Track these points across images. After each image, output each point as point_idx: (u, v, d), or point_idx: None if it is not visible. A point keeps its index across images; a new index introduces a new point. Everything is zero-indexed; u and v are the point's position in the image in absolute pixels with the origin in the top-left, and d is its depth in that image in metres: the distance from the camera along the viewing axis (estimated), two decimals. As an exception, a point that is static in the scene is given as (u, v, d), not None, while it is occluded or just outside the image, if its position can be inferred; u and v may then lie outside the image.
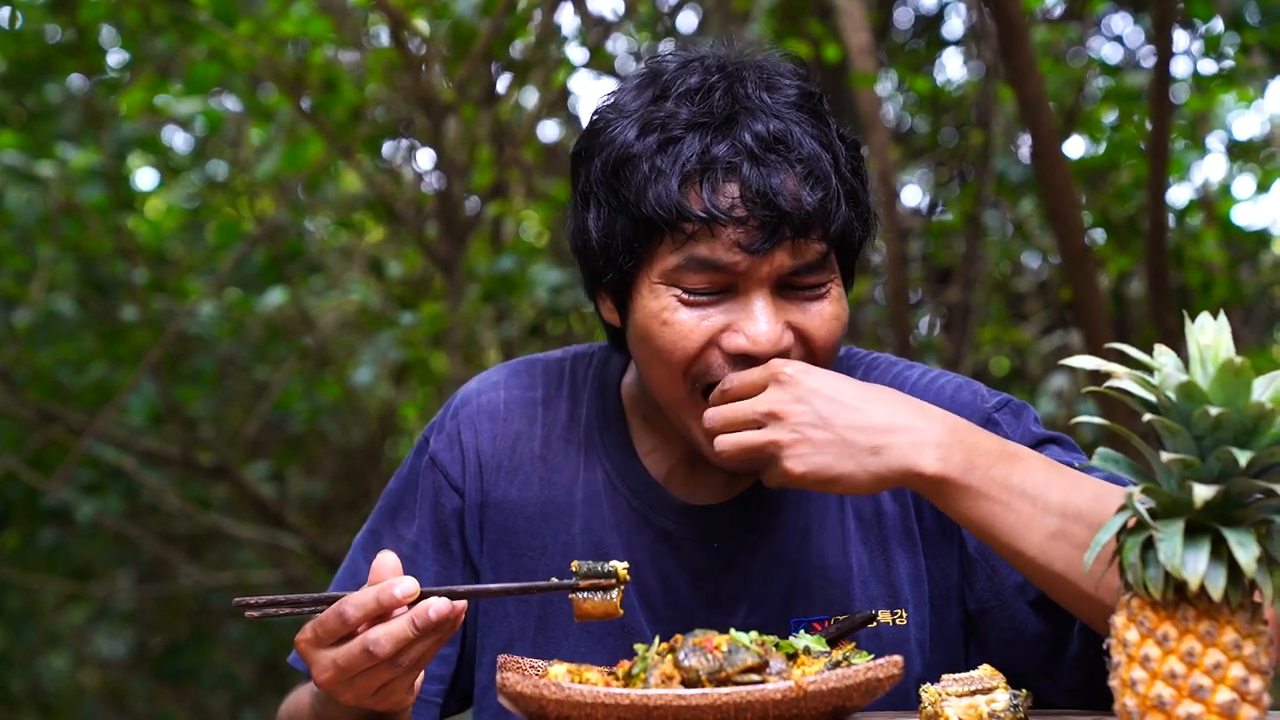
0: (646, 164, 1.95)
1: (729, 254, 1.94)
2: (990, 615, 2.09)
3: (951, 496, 1.88)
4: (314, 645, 1.84)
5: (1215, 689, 1.50)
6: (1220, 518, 1.50)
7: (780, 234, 1.93)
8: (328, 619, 1.82)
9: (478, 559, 2.20)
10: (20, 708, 7.39)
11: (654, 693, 1.67)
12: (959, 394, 2.16)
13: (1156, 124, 4.25)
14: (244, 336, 6.45)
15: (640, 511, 2.15)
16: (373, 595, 1.81)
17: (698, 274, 1.96)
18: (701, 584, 2.13)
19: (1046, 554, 1.87)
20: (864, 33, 5.15)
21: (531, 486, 2.19)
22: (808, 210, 1.93)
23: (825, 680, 1.68)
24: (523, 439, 2.21)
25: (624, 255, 1.99)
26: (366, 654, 1.80)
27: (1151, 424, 1.54)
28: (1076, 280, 4.13)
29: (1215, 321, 1.57)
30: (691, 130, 1.95)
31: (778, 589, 2.11)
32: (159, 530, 6.74)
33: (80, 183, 5.62)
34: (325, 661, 1.83)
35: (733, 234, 1.93)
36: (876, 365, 2.23)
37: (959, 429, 1.91)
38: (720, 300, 1.98)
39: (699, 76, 1.99)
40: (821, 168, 1.96)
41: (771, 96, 1.98)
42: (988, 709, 1.76)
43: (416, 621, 1.79)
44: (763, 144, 1.93)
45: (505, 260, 5.61)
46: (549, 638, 2.15)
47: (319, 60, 5.32)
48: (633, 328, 2.03)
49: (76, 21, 5.44)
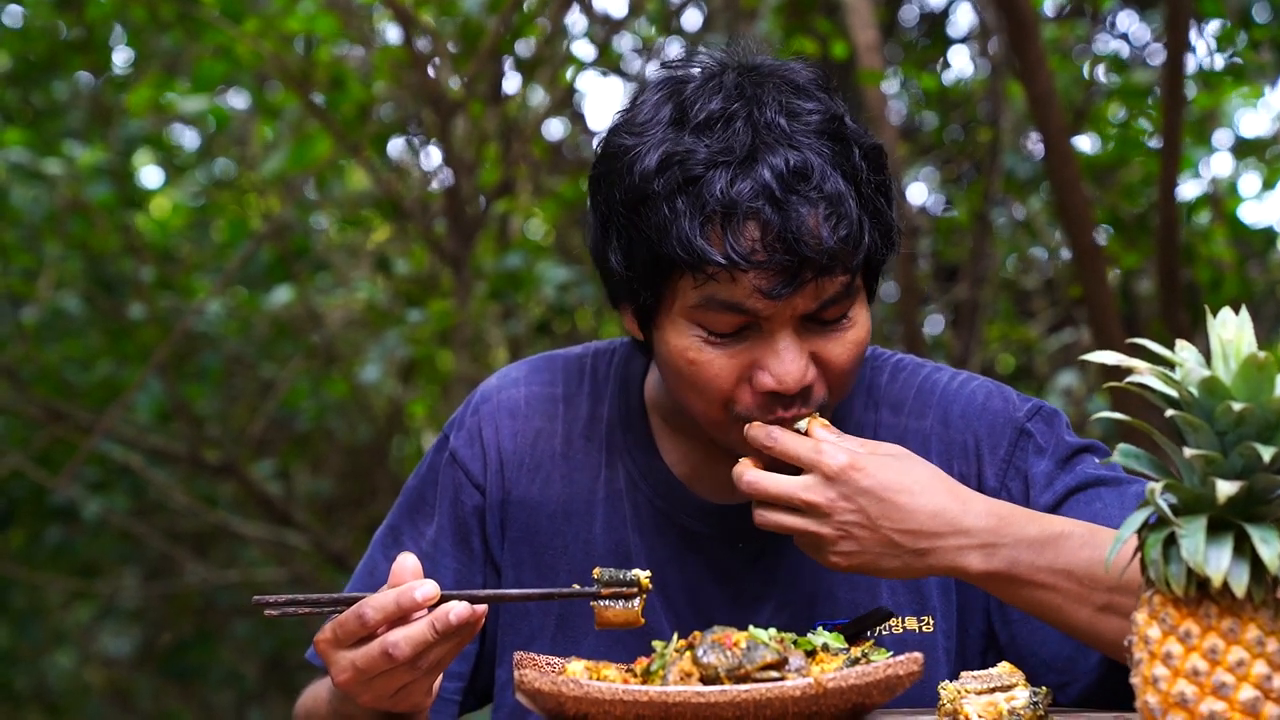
0: (666, 206, 1.91)
1: (750, 299, 1.91)
2: (1013, 628, 2.11)
3: (999, 587, 1.90)
4: (333, 645, 1.84)
5: (1238, 686, 1.49)
6: (1243, 513, 1.49)
7: (802, 277, 1.90)
8: (347, 620, 1.82)
9: (499, 556, 2.19)
10: (26, 706, 7.38)
11: (673, 690, 1.66)
12: (990, 401, 2.15)
13: (1169, 120, 4.24)
14: (251, 334, 6.44)
15: (663, 511, 2.14)
16: (393, 598, 1.80)
17: (719, 314, 1.94)
18: (726, 584, 2.12)
19: (1095, 627, 1.89)
20: (871, 30, 5.14)
21: (553, 484, 2.18)
22: (830, 251, 1.90)
23: (845, 677, 1.68)
24: (544, 436, 2.20)
25: (646, 290, 1.97)
26: (385, 656, 1.79)
27: (1173, 419, 1.53)
28: (1086, 277, 4.12)
29: (1237, 316, 1.56)
30: (712, 169, 1.90)
31: (803, 591, 2.10)
32: (165, 528, 6.73)
33: (87, 180, 5.62)
34: (344, 662, 1.83)
35: (754, 279, 1.90)
36: (903, 368, 2.21)
37: (1003, 520, 1.90)
38: (744, 337, 1.96)
39: (719, 102, 1.94)
40: (844, 205, 1.91)
41: (791, 124, 1.93)
42: (1007, 706, 1.75)
43: (437, 625, 1.79)
44: (783, 183, 1.89)
45: (512, 258, 5.60)
46: (568, 635, 2.14)
47: (326, 57, 5.32)
48: (659, 353, 2.02)
49: (84, 19, 5.43)
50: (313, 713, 2.17)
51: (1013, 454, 2.11)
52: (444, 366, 6.06)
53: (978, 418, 2.14)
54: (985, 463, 2.12)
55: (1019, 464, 2.11)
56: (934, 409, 2.16)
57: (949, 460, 2.12)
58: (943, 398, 2.15)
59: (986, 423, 2.13)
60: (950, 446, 2.13)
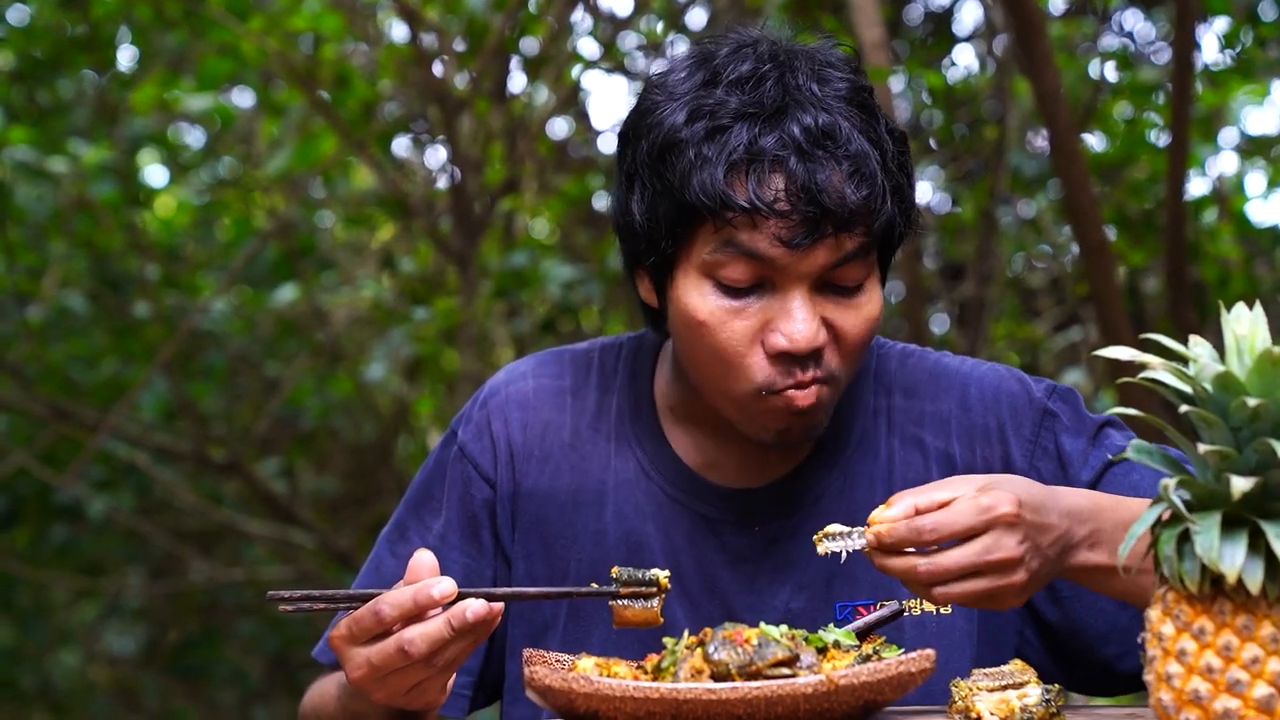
0: (693, 150, 1.94)
1: (770, 247, 1.92)
2: (1065, 605, 2.10)
3: (1101, 577, 1.89)
4: (348, 642, 1.83)
5: (1253, 683, 1.48)
6: (1258, 510, 1.48)
7: (822, 230, 1.92)
8: (363, 617, 1.81)
9: (509, 549, 2.18)
10: (31, 705, 7.38)
11: (683, 686, 1.66)
12: (1005, 384, 2.16)
13: (1176, 117, 4.23)
14: (256, 333, 6.45)
15: (676, 498, 2.14)
16: (410, 595, 1.79)
17: (736, 264, 1.94)
18: (742, 567, 2.11)
19: None
20: (877, 27, 5.13)
21: (562, 475, 2.17)
22: (851, 207, 1.92)
23: (856, 674, 1.67)
24: (552, 427, 2.20)
25: (666, 239, 1.98)
26: (401, 653, 1.79)
27: (1188, 415, 1.53)
28: (1094, 275, 4.11)
29: (1251, 311, 1.55)
30: (740, 120, 1.93)
31: (820, 572, 2.09)
32: (170, 526, 6.73)
33: (92, 179, 5.62)
34: (359, 659, 1.82)
35: (774, 227, 1.92)
36: (910, 354, 2.22)
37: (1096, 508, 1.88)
38: (759, 297, 1.96)
39: (751, 64, 1.97)
40: (868, 165, 1.94)
41: (822, 89, 1.96)
42: (1019, 703, 1.74)
43: (453, 622, 1.79)
44: (811, 138, 1.92)
45: (518, 256, 5.60)
46: (580, 627, 2.14)
47: (331, 55, 5.32)
48: (673, 313, 2.02)
49: (89, 17, 5.43)
50: (320, 710, 2.17)
51: (1038, 434, 2.12)
52: (449, 365, 6.06)
53: (998, 400, 2.14)
54: (1011, 445, 2.12)
55: (1045, 444, 2.12)
56: (950, 392, 2.16)
57: (971, 443, 2.13)
58: (958, 381, 2.16)
59: (1008, 404, 2.14)
60: (971, 430, 2.14)
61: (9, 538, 6.80)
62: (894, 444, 2.15)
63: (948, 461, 2.13)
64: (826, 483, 2.13)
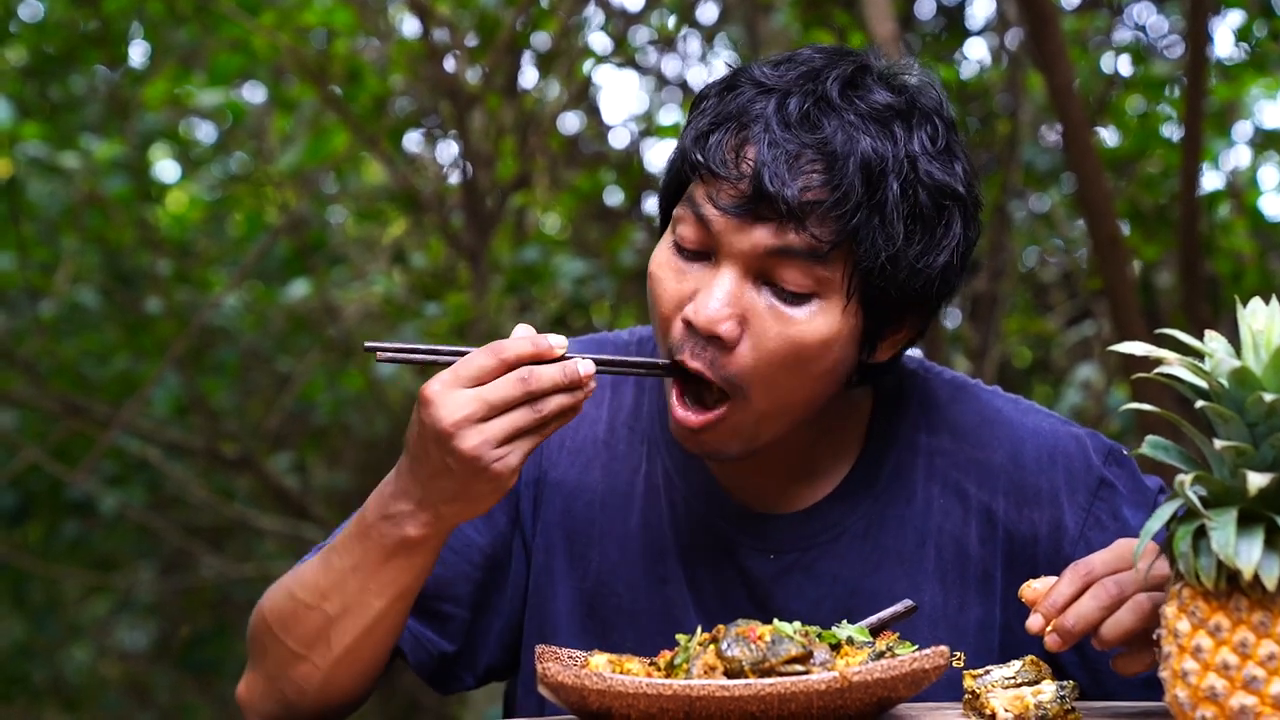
0: (698, 108, 1.96)
1: (710, 209, 1.90)
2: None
3: None
4: (452, 385, 1.81)
5: (1269, 680, 1.47)
6: (1274, 506, 1.48)
7: (760, 209, 1.87)
8: (477, 356, 1.82)
9: (530, 538, 2.13)
10: (42, 700, 7.39)
11: (697, 683, 1.65)
12: (1063, 443, 2.08)
13: (1190, 111, 4.21)
14: (268, 328, 6.44)
15: (698, 511, 2.09)
16: (528, 340, 1.82)
17: (689, 224, 1.93)
18: (754, 593, 2.06)
19: None
20: (889, 22, 5.11)
21: (593, 471, 2.13)
22: (797, 198, 1.85)
23: (870, 671, 1.66)
24: (587, 420, 2.15)
25: (664, 191, 2.01)
26: (521, 382, 1.80)
27: (1203, 411, 1.52)
28: (1108, 269, 4.09)
29: (1268, 306, 1.54)
30: (753, 87, 1.93)
31: (832, 611, 2.02)
32: (182, 522, 6.73)
33: (104, 174, 5.62)
34: (463, 399, 1.80)
35: (721, 191, 1.90)
36: (962, 389, 2.13)
37: None
38: (703, 265, 1.93)
39: (809, 53, 1.95)
40: (842, 170, 1.86)
41: (845, 92, 1.91)
42: (1034, 700, 1.74)
43: (566, 370, 1.81)
44: (790, 119, 1.88)
45: (529, 251, 5.60)
46: (596, 622, 2.10)
47: (343, 51, 5.31)
48: None
49: (101, 13, 5.43)
50: (297, 593, 2.12)
51: (1092, 504, 2.05)
52: (461, 361, 6.04)
53: (1054, 461, 2.07)
54: (1065, 511, 2.05)
55: (1099, 514, 2.05)
56: (1002, 443, 2.08)
57: (1020, 503, 2.05)
58: (1013, 433, 2.08)
59: (1064, 467, 2.07)
60: (1022, 489, 2.06)
61: (21, 533, 6.81)
62: (933, 490, 2.07)
63: (989, 519, 2.06)
64: (849, 521, 2.07)
